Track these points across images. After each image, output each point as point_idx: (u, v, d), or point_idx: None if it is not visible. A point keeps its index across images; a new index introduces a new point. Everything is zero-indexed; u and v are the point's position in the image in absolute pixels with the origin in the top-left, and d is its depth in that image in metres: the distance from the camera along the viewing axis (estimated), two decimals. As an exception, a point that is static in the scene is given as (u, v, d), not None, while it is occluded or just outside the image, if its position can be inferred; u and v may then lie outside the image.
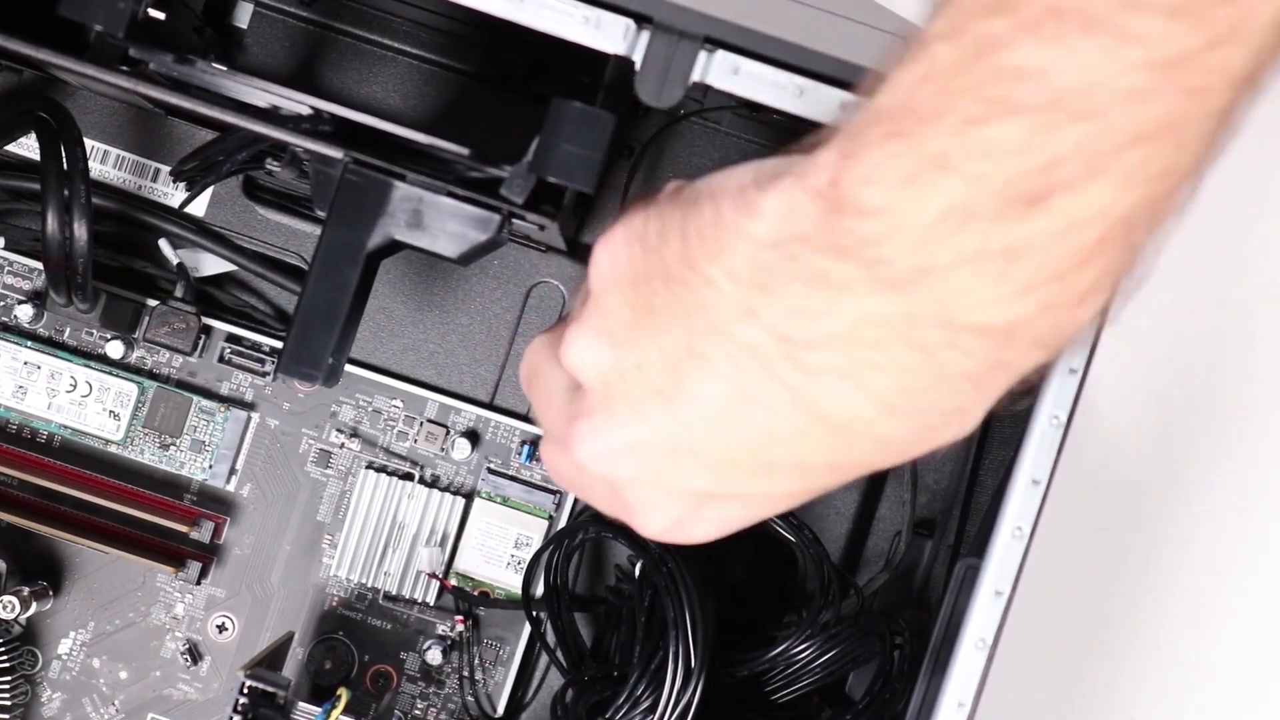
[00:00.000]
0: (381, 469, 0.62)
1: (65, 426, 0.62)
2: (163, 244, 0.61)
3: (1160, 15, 0.29)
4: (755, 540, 0.62)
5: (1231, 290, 0.74)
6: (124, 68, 0.48)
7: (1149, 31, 0.29)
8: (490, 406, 0.62)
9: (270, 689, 0.54)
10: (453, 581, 0.62)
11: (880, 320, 0.33)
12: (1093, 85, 0.30)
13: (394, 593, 0.62)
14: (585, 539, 0.61)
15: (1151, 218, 0.32)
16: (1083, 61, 0.29)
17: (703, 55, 0.44)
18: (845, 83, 0.44)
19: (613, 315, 0.38)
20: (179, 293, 0.61)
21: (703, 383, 0.36)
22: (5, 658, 0.60)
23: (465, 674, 0.62)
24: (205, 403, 0.62)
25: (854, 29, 0.55)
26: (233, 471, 0.62)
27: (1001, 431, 0.59)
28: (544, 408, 0.43)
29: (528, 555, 0.61)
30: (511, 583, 0.61)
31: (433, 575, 0.61)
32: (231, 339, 0.62)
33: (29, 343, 0.61)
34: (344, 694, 0.56)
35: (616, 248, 0.38)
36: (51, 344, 0.62)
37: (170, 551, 0.62)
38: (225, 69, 0.48)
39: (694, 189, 0.37)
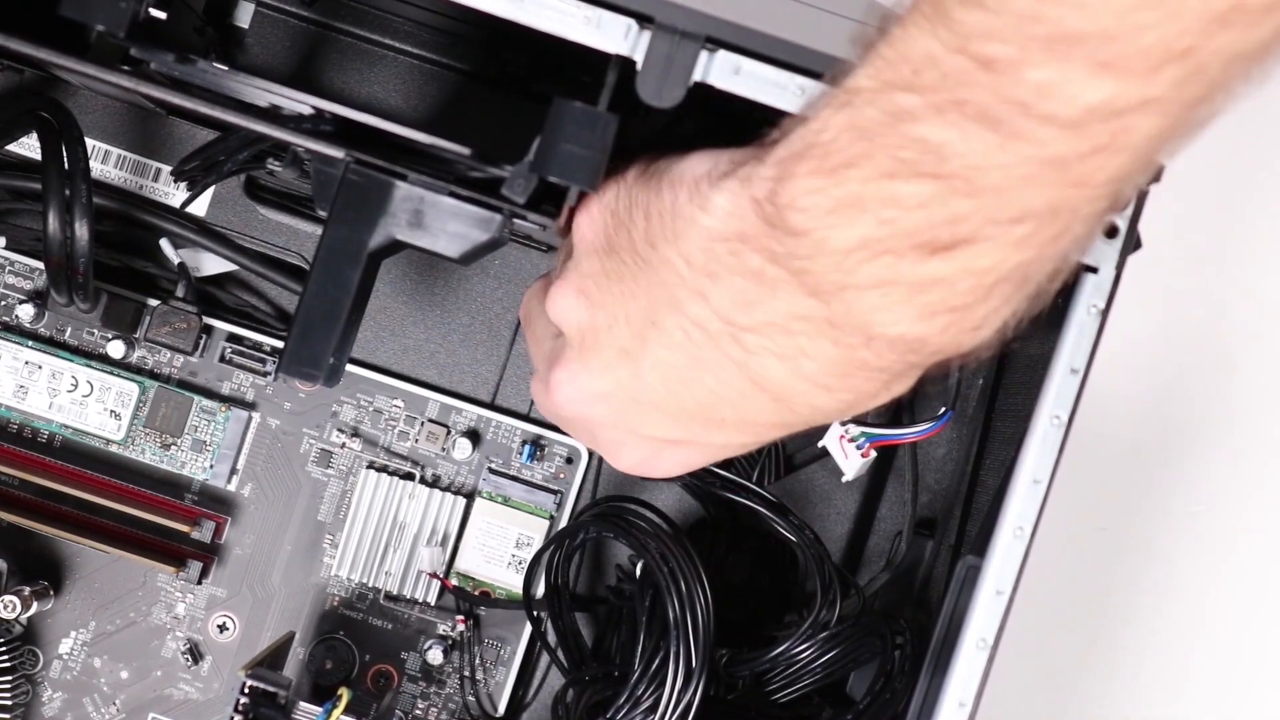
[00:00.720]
0: (382, 469, 0.62)
1: (66, 426, 0.62)
2: (164, 244, 0.61)
3: (1052, 126, 0.33)
4: (755, 540, 0.62)
5: (1231, 291, 0.74)
6: (125, 67, 0.48)
7: (1040, 136, 0.33)
8: (491, 406, 0.62)
9: (271, 689, 0.54)
10: (454, 581, 0.62)
11: (807, 318, 0.38)
12: (988, 167, 0.34)
13: (395, 592, 0.62)
14: (586, 539, 0.61)
15: (1048, 265, 0.36)
16: (980, 147, 0.33)
17: (704, 55, 0.44)
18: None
19: (589, 277, 0.43)
20: (180, 292, 0.61)
21: (661, 348, 0.41)
22: (6, 657, 0.60)
23: (466, 674, 0.62)
24: (206, 402, 0.62)
25: (855, 29, 0.55)
26: (234, 471, 0.62)
27: (1002, 431, 0.59)
28: (534, 349, 0.49)
29: (529, 555, 0.61)
30: (512, 582, 0.62)
31: (434, 575, 0.61)
32: (232, 339, 0.62)
33: (30, 342, 0.61)
34: (345, 694, 0.56)
35: (593, 215, 0.44)
36: (53, 344, 0.62)
37: (171, 551, 0.62)
38: (226, 69, 0.48)
39: (657, 171, 0.42)
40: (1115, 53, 0.31)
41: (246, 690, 0.54)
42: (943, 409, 0.56)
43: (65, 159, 0.55)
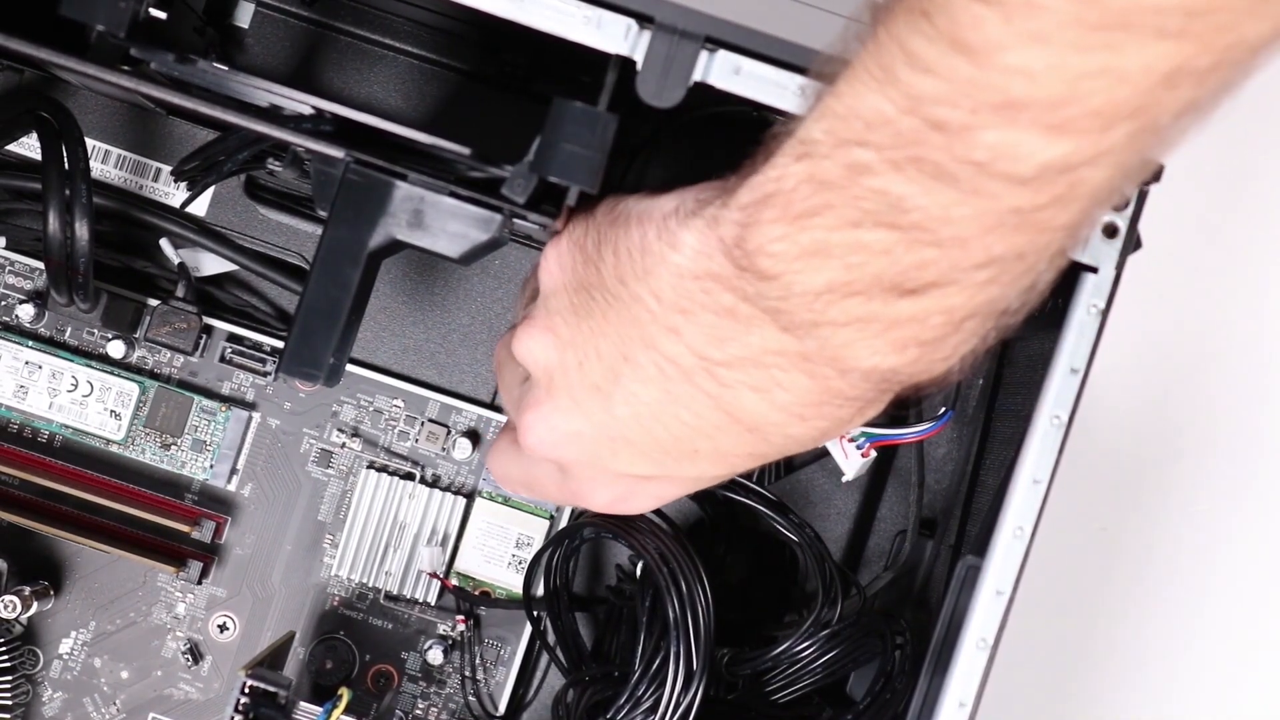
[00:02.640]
0: (382, 469, 0.62)
1: (66, 426, 0.62)
2: (164, 244, 0.61)
3: (1009, 182, 0.33)
4: (755, 540, 0.62)
5: (1231, 291, 0.74)
6: (125, 67, 0.48)
7: (998, 191, 0.33)
8: (491, 406, 0.62)
9: (271, 689, 0.54)
10: (454, 581, 0.62)
11: (781, 352, 0.38)
12: (949, 219, 0.34)
13: (395, 592, 0.62)
14: (586, 539, 0.61)
15: (1018, 297, 0.37)
16: (940, 200, 0.34)
17: (704, 55, 0.44)
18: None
19: (558, 315, 0.43)
20: (180, 292, 0.61)
21: (634, 383, 0.41)
22: (6, 657, 0.60)
23: (466, 673, 0.62)
24: (206, 402, 0.62)
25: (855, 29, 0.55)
26: (234, 471, 0.62)
27: (1002, 431, 0.59)
28: (506, 397, 0.49)
29: (529, 555, 0.61)
30: (512, 582, 0.62)
31: (434, 575, 0.61)
32: (233, 339, 0.62)
33: (30, 342, 0.61)
34: (345, 694, 0.56)
35: (562, 252, 0.44)
36: (53, 344, 0.62)
37: (171, 551, 0.62)
38: (226, 69, 0.48)
39: (625, 209, 0.42)
40: (1066, 115, 0.32)
41: (246, 690, 0.54)
42: (943, 409, 0.56)
43: (65, 159, 0.55)
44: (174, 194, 0.62)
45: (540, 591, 0.59)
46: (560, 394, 0.43)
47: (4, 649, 0.60)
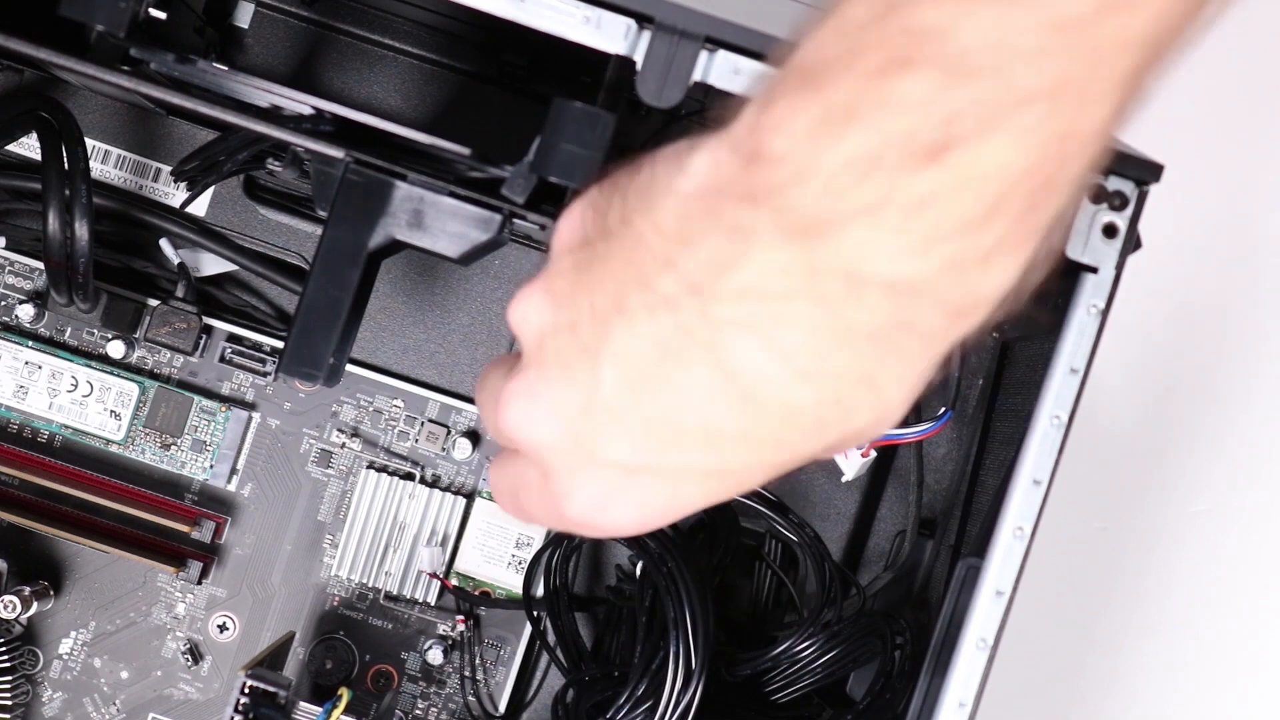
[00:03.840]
0: (382, 469, 0.62)
1: (66, 426, 0.62)
2: (164, 244, 0.61)
3: None
4: (755, 539, 0.62)
5: (1231, 291, 0.74)
6: (125, 68, 0.48)
7: None
8: (491, 406, 0.62)
9: (271, 689, 0.54)
10: (454, 581, 0.62)
11: (786, 270, 0.34)
12: (991, 44, 0.31)
13: (395, 592, 0.62)
14: (585, 539, 0.61)
15: (1053, 184, 0.33)
16: (981, 22, 0.31)
17: (704, 55, 0.44)
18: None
19: (559, 276, 0.40)
20: (180, 292, 0.61)
21: (623, 338, 0.37)
22: (6, 657, 0.60)
23: (466, 674, 0.62)
24: (206, 402, 0.62)
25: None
26: (234, 471, 0.62)
27: (1002, 431, 0.59)
28: (485, 412, 0.44)
29: (528, 555, 0.61)
30: (512, 582, 0.62)
31: (433, 575, 0.61)
32: (232, 339, 0.62)
33: (30, 342, 0.61)
34: (345, 694, 0.56)
35: (573, 215, 0.40)
36: (52, 344, 0.62)
37: (171, 551, 0.62)
38: (226, 69, 0.48)
39: (641, 160, 0.39)
40: None
41: (246, 690, 0.54)
42: (943, 409, 0.56)
43: (65, 159, 0.55)
44: (174, 194, 0.62)
45: (540, 591, 0.59)
46: (549, 362, 0.39)
47: (4, 649, 0.60)
